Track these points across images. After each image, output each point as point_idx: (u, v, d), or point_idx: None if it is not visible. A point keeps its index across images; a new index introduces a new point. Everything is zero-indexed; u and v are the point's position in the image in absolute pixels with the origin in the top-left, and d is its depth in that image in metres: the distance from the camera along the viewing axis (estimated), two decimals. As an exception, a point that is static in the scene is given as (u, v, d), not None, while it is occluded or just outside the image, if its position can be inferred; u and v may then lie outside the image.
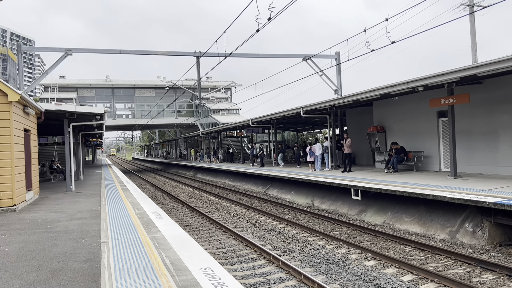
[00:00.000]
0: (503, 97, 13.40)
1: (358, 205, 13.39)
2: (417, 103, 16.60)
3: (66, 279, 5.26)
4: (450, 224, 9.96)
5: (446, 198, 9.70)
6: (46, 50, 29.41)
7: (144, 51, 30.76)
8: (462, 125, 14.48)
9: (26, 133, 13.39)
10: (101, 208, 11.51)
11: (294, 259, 8.76)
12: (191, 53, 31.74)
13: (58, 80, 49.93)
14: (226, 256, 9.16)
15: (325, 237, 10.53)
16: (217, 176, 30.39)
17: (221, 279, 4.99)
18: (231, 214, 14.88)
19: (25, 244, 7.32)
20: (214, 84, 55.18)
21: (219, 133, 37.71)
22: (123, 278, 5.18)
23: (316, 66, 28.39)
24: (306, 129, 39.65)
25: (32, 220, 9.83)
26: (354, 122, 23.91)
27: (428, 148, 16.67)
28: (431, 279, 7.15)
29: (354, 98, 15.52)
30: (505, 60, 9.79)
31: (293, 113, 20.49)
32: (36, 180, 15.21)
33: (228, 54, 18.90)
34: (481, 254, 8.40)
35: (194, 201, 19.22)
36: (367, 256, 8.78)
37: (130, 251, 6.49)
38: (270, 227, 12.20)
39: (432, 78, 11.89)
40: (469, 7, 23.40)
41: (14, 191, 11.30)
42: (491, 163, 13.99)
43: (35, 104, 13.78)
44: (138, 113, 51.78)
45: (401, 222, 11.29)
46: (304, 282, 7.14)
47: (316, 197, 16.01)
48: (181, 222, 13.40)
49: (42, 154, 35.22)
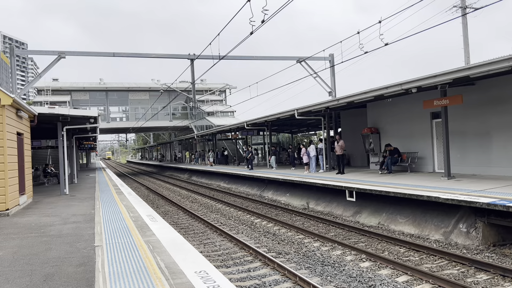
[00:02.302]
0: (496, 98, 13.50)
1: (353, 207, 13.41)
2: (411, 104, 16.68)
3: (60, 283, 5.23)
4: (444, 224, 10.01)
5: (440, 199, 9.75)
6: (39, 53, 29.26)
7: (138, 53, 30.69)
8: (455, 126, 14.57)
9: (19, 136, 13.30)
10: (95, 211, 11.45)
11: (289, 261, 8.76)
12: (185, 55, 31.71)
13: (51, 83, 49.62)
14: (221, 259, 9.13)
15: (320, 239, 10.54)
16: (212, 178, 30.33)
17: (216, 282, 4.98)
18: (226, 217, 14.85)
19: (18, 248, 7.25)
20: (208, 86, 55.12)
21: (213, 135, 37.67)
22: (118, 282, 5.15)
23: (310, 68, 28.46)
24: (300, 131, 39.73)
25: (25, 224, 9.75)
26: (348, 123, 23.98)
27: (422, 149, 16.76)
28: (425, 279, 7.17)
29: (348, 100, 15.57)
30: (497, 61, 9.88)
31: (288, 115, 20.53)
32: (30, 184, 15.10)
33: (222, 57, 18.91)
34: (475, 255, 8.44)
35: (189, 203, 19.17)
36: (362, 257, 8.80)
37: (125, 255, 6.45)
38: (265, 229, 12.19)
39: (426, 79, 11.96)
40: (461, 9, 23.60)
41: (7, 195, 11.21)
42: (484, 164, 14.08)
43: (28, 108, 13.70)
44: (132, 116, 51.59)
45: (396, 223, 11.33)
46: (299, 284, 7.14)
47: (311, 198, 16.03)
48: (176, 225, 13.36)
49: (35, 157, 34.96)
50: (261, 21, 11.55)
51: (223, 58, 19.53)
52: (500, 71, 10.16)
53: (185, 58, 33.09)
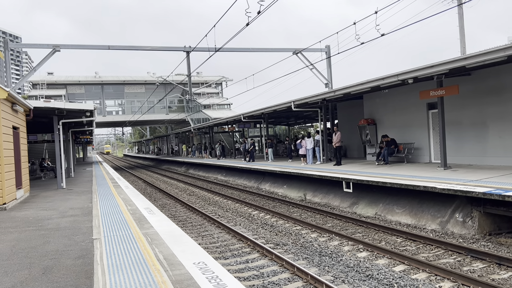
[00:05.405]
0: (491, 88, 13.53)
1: (350, 198, 13.47)
2: (407, 95, 16.70)
3: (59, 276, 5.24)
4: (440, 214, 10.08)
5: (437, 189, 9.80)
6: (33, 46, 28.98)
7: (133, 46, 30.46)
8: (451, 117, 14.62)
9: (15, 130, 13.24)
10: (92, 205, 11.45)
11: (287, 252, 8.81)
12: (181, 48, 31.52)
13: (46, 77, 49.33)
14: (219, 250, 9.17)
15: (317, 230, 10.59)
16: (209, 171, 30.35)
17: (215, 273, 5.00)
18: (224, 209, 14.89)
19: (16, 242, 7.26)
20: (204, 79, 54.93)
21: (210, 128, 37.63)
22: (117, 274, 5.17)
23: (306, 59, 28.36)
24: (297, 123, 39.74)
25: (23, 218, 9.75)
26: (345, 115, 24.00)
27: (418, 140, 16.81)
28: (422, 268, 7.24)
29: (344, 91, 15.57)
30: (493, 51, 9.89)
31: (284, 107, 20.51)
32: (26, 178, 15.07)
33: (218, 49, 18.84)
34: (471, 244, 8.52)
35: (187, 196, 19.20)
36: (359, 247, 8.86)
37: (123, 247, 6.47)
38: (263, 221, 12.24)
39: (422, 70, 11.96)
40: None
41: (4, 190, 11.19)
42: (480, 154, 14.15)
43: (24, 102, 13.62)
44: (129, 109, 51.44)
45: (393, 214, 11.40)
46: (297, 275, 7.19)
47: (308, 190, 16.08)
48: (174, 218, 13.39)
49: (32, 152, 34.82)
50: (257, 12, 11.50)
51: (219, 50, 19.45)
52: (496, 61, 10.18)
53: (181, 51, 32.88)
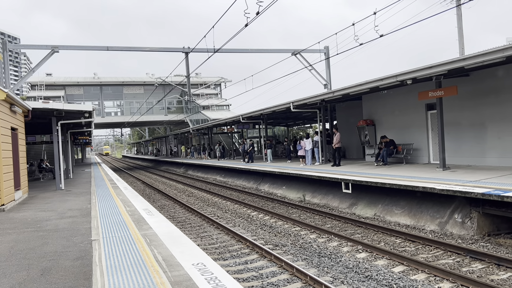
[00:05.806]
0: (490, 89, 13.55)
1: (349, 199, 13.47)
2: (406, 96, 16.71)
3: (58, 277, 5.22)
4: (439, 215, 10.08)
5: (436, 189, 9.80)
6: (32, 47, 28.96)
7: (132, 47, 30.42)
8: (450, 118, 14.63)
9: (14, 131, 13.21)
10: (91, 206, 11.42)
11: (286, 253, 8.80)
12: (179, 48, 31.49)
13: (45, 78, 49.29)
14: (218, 251, 9.16)
15: (316, 231, 10.59)
16: (208, 172, 30.33)
17: (214, 274, 4.99)
18: (223, 210, 14.88)
19: (14, 243, 7.23)
20: (203, 80, 54.93)
21: (209, 129, 37.60)
22: (115, 275, 5.15)
23: (305, 60, 28.36)
24: (296, 124, 39.74)
25: (21, 219, 9.72)
26: (344, 116, 24.01)
27: (417, 140, 16.82)
28: (421, 269, 7.24)
29: (343, 92, 15.58)
30: (491, 52, 9.90)
31: (283, 108, 20.51)
32: (25, 179, 15.03)
33: (217, 49, 18.84)
34: (470, 244, 8.52)
35: (186, 197, 19.17)
36: (358, 248, 8.85)
37: (122, 248, 6.45)
38: (262, 222, 12.23)
39: (421, 71, 11.97)
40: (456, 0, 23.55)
41: (2, 191, 11.16)
42: (479, 155, 14.16)
43: (22, 103, 13.59)
44: (127, 110, 51.41)
45: (392, 214, 11.39)
46: (296, 276, 7.18)
47: (307, 191, 16.08)
48: (172, 219, 13.37)
49: (30, 153, 34.78)
50: (256, 13, 11.50)
51: (218, 51, 19.45)
52: (495, 61, 10.19)
53: (180, 52, 32.87)
